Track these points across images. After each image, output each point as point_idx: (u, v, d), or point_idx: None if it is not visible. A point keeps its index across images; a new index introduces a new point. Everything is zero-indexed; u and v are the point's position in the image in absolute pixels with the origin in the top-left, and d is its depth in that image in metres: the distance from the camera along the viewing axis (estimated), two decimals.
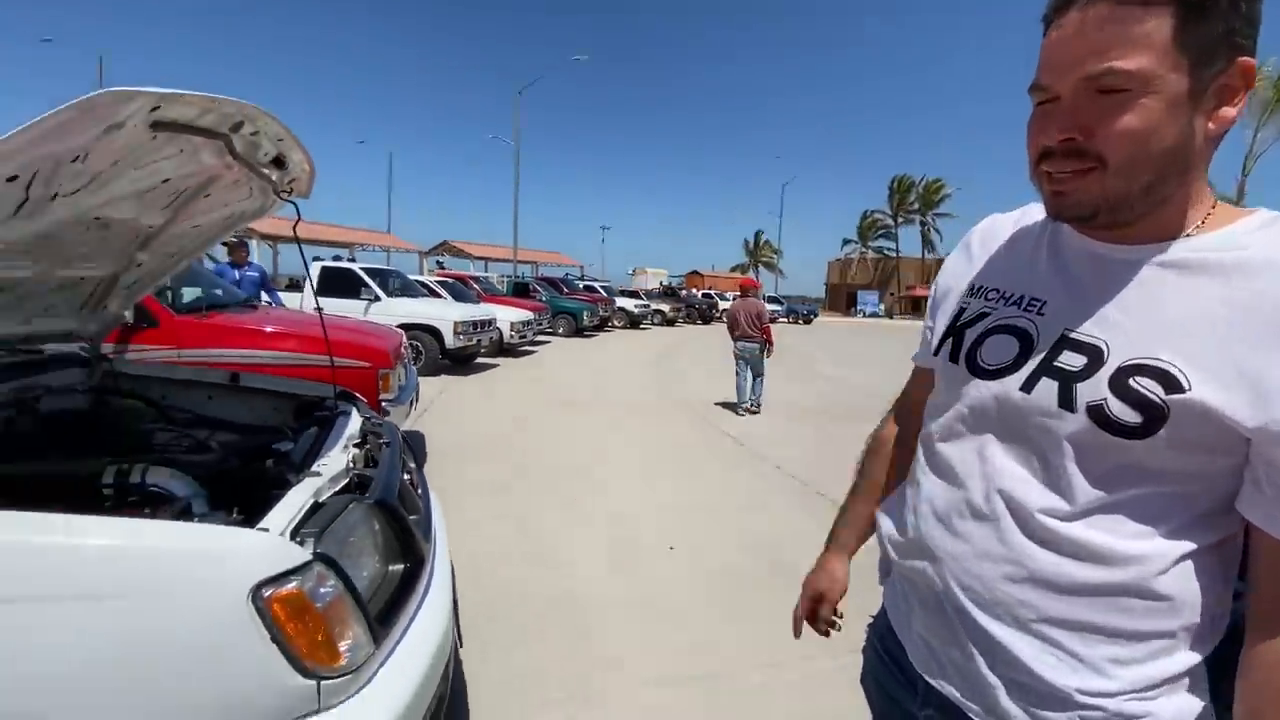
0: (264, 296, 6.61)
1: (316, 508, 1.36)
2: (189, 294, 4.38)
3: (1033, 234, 0.85)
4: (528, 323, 12.79)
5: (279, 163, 1.74)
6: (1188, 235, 0.71)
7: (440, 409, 6.95)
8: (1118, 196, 0.68)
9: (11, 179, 1.03)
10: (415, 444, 5.14)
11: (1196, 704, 0.69)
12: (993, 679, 0.74)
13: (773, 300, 36.78)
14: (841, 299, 55.53)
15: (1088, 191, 0.69)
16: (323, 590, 1.15)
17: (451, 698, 1.59)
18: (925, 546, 0.81)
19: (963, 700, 0.77)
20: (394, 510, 1.53)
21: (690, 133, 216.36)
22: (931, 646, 0.82)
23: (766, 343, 7.59)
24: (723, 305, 29.79)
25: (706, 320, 28.05)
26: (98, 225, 1.58)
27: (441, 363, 9.45)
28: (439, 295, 11.55)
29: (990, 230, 0.92)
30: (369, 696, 1.18)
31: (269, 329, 3.98)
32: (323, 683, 1.11)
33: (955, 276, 0.93)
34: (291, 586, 1.09)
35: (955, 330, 0.85)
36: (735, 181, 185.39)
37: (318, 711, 1.11)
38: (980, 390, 0.79)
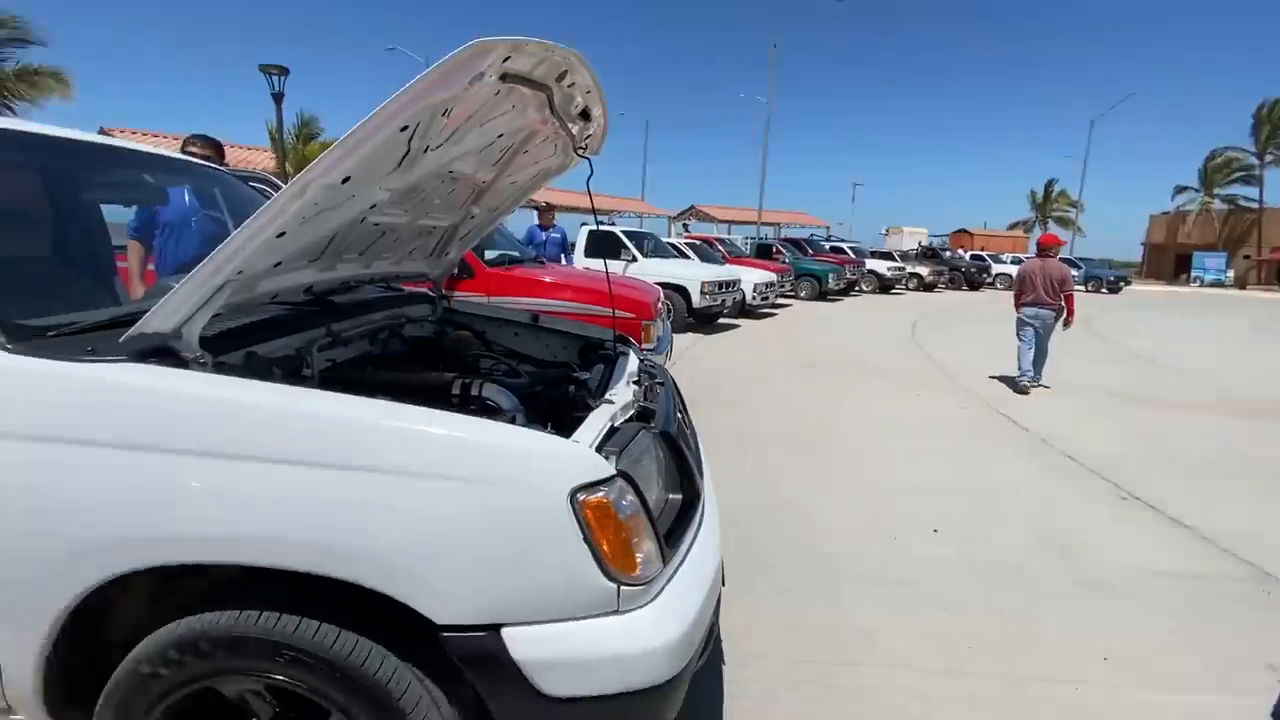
0: (562, 259, 7.36)
1: (613, 431, 1.47)
2: (491, 253, 5.15)
3: None
4: (770, 284, 12.61)
5: (585, 115, 1.87)
6: None
7: (687, 364, 7.24)
8: None
9: (404, 129, 1.25)
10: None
11: None
12: None
13: (1067, 262, 30.68)
14: (1168, 262, 43.44)
15: None
16: (624, 503, 1.23)
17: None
18: None
19: None
20: (675, 442, 1.59)
21: (960, 73, 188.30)
22: None
23: (1066, 313, 6.38)
24: (997, 269, 25.84)
25: (975, 286, 24.61)
26: (449, 179, 1.88)
27: (687, 321, 9.83)
28: (687, 257, 11.96)
29: None
30: (659, 608, 1.26)
31: (555, 281, 4.51)
32: (622, 588, 1.20)
33: None
34: (601, 495, 1.19)
35: None
36: (1017, 126, 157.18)
37: (616, 613, 1.21)
38: None
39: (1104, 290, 26.81)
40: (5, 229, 1.66)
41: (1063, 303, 6.32)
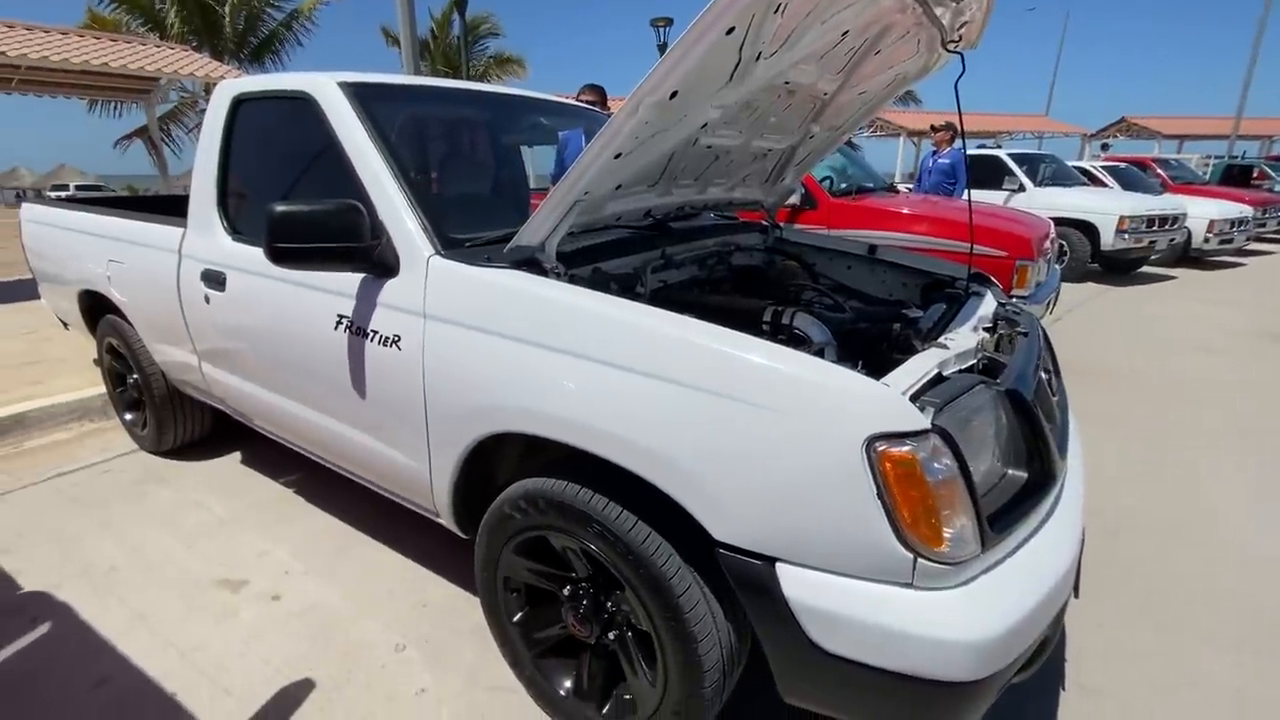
0: (954, 189, 6.00)
1: (939, 380, 1.24)
2: (843, 180, 4.82)
3: None
4: (1237, 221, 9.06)
5: None
6: None
7: (1077, 322, 5.79)
8: None
9: (729, 31, 1.18)
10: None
11: None
12: None
13: None
14: None
15: None
16: (936, 465, 1.03)
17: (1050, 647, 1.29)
18: None
19: None
20: (1026, 405, 1.26)
21: None
22: None
23: None
24: None
25: None
26: (785, 92, 1.77)
27: (1091, 267, 7.80)
28: (1103, 184, 9.36)
29: None
30: (970, 597, 1.04)
31: (910, 213, 4.01)
32: (919, 561, 1.02)
33: None
34: (906, 449, 1.01)
35: None
36: None
37: (908, 586, 1.04)
38: None
39: None
40: (445, 165, 2.18)
41: None
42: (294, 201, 1.52)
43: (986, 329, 1.67)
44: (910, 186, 6.26)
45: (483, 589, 1.64)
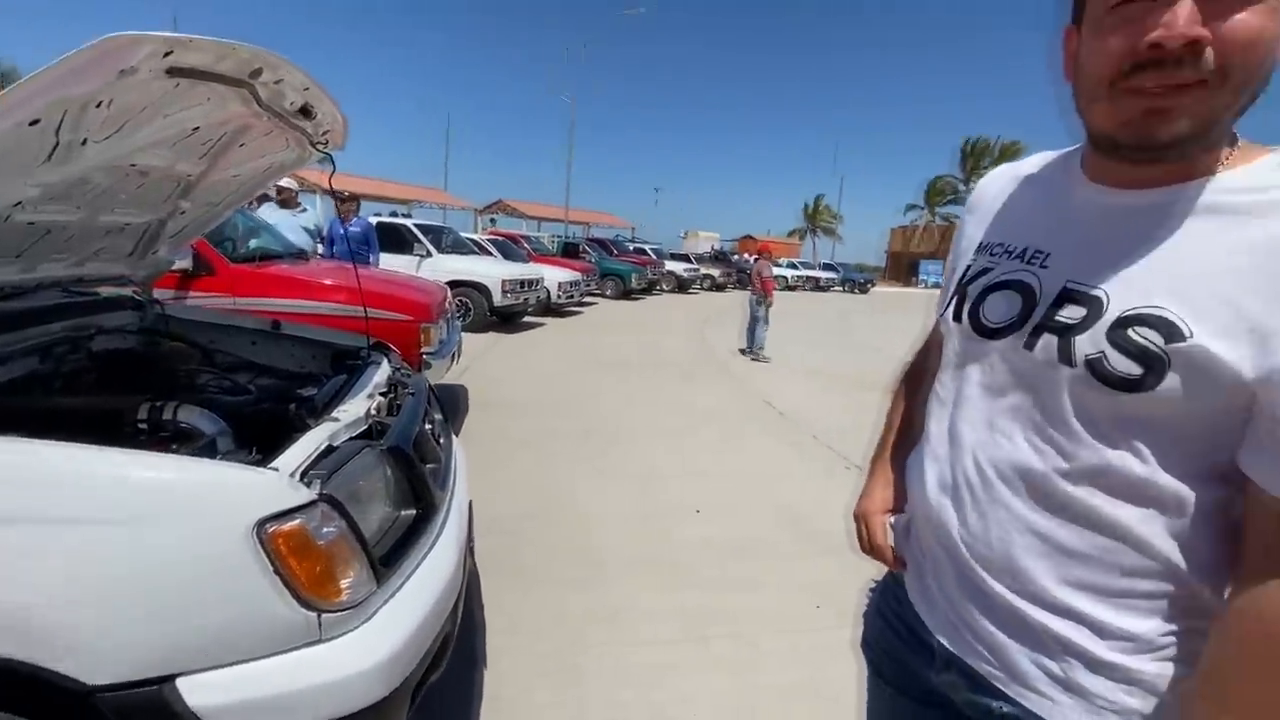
0: (370, 257, 6.46)
1: (329, 450, 1.41)
2: (250, 245, 4.56)
3: (1040, 183, 0.81)
4: (575, 283, 12.85)
5: (306, 112, 1.76)
6: (1213, 175, 0.64)
7: (485, 365, 7.11)
8: (1214, 118, 0.60)
9: (34, 122, 1.07)
10: (449, 397, 5.29)
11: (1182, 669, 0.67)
12: (1008, 642, 0.73)
13: (828, 267, 35.67)
14: (903, 267, 53.28)
15: (1194, 110, 0.59)
16: (325, 530, 1.19)
17: (462, 637, 1.65)
18: (934, 512, 0.79)
19: (982, 665, 0.75)
20: (407, 457, 1.57)
21: (748, 92, 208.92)
22: (949, 610, 0.80)
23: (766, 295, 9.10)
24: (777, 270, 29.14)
25: None
26: (135, 172, 1.64)
27: (489, 320, 9.63)
28: (489, 253, 11.71)
29: (996, 182, 0.87)
30: (370, 630, 1.24)
31: (318, 281, 4.12)
32: (323, 615, 1.16)
33: (967, 234, 0.88)
34: (295, 523, 1.14)
35: (960, 288, 0.82)
36: (795, 145, 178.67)
37: (319, 641, 1.17)
38: (983, 349, 0.76)
39: (856, 291, 31.82)
40: None
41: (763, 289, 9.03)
42: None
43: (382, 394, 1.96)
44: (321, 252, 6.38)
45: None
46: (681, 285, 21.49)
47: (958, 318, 0.80)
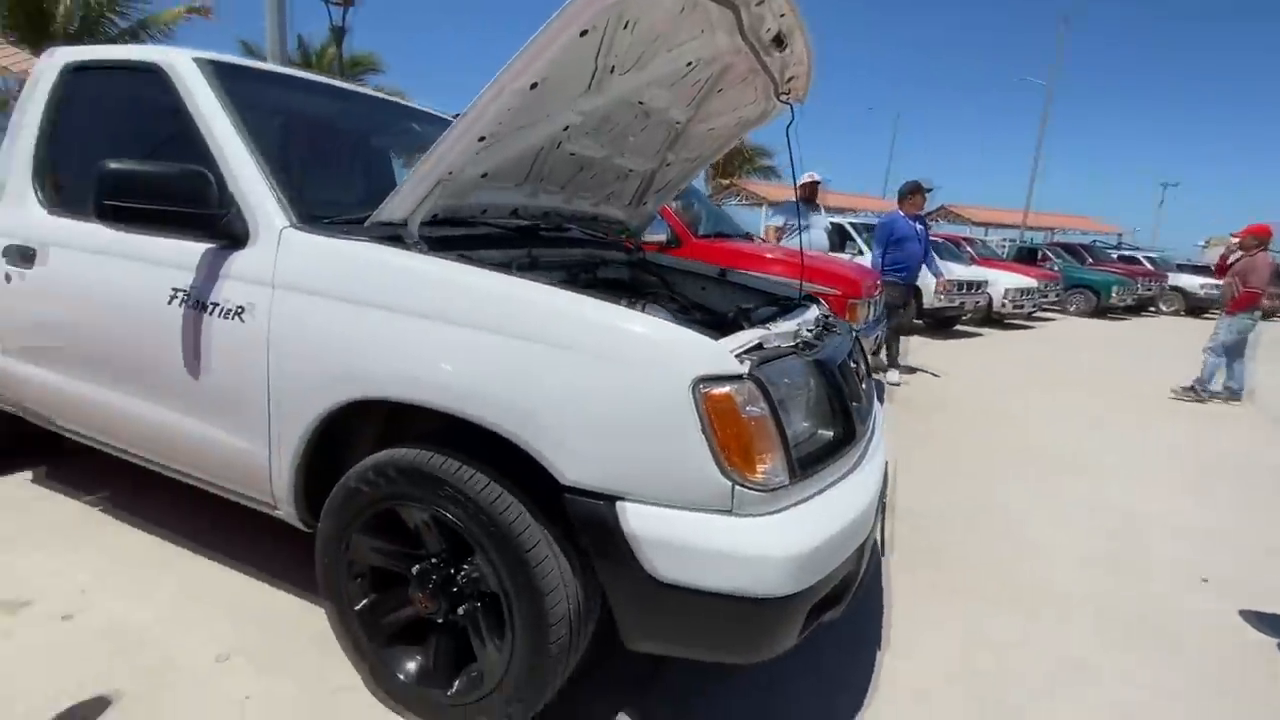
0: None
1: (760, 347, 1.42)
2: (707, 224, 5.24)
3: None
4: (1026, 291, 10.86)
5: (779, 42, 1.81)
6: None
7: (909, 363, 6.60)
8: None
9: (584, 33, 1.34)
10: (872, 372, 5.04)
11: None
12: None
13: None
14: None
15: None
16: (750, 407, 1.18)
17: (860, 590, 1.48)
18: None
19: None
20: (831, 373, 1.48)
21: None
22: None
23: None
24: None
25: None
26: (642, 113, 1.97)
27: (915, 323, 8.94)
28: None
29: None
30: (780, 522, 1.19)
31: (761, 254, 4.46)
32: (737, 488, 1.16)
33: None
34: (726, 390, 1.16)
35: None
36: None
37: (729, 513, 1.17)
38: None
39: None
40: (307, 148, 2.15)
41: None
42: (130, 161, 1.45)
43: (809, 329, 1.93)
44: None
45: (324, 577, 1.56)
46: (1192, 307, 15.94)
47: None
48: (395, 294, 1.40)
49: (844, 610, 1.41)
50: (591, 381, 1.21)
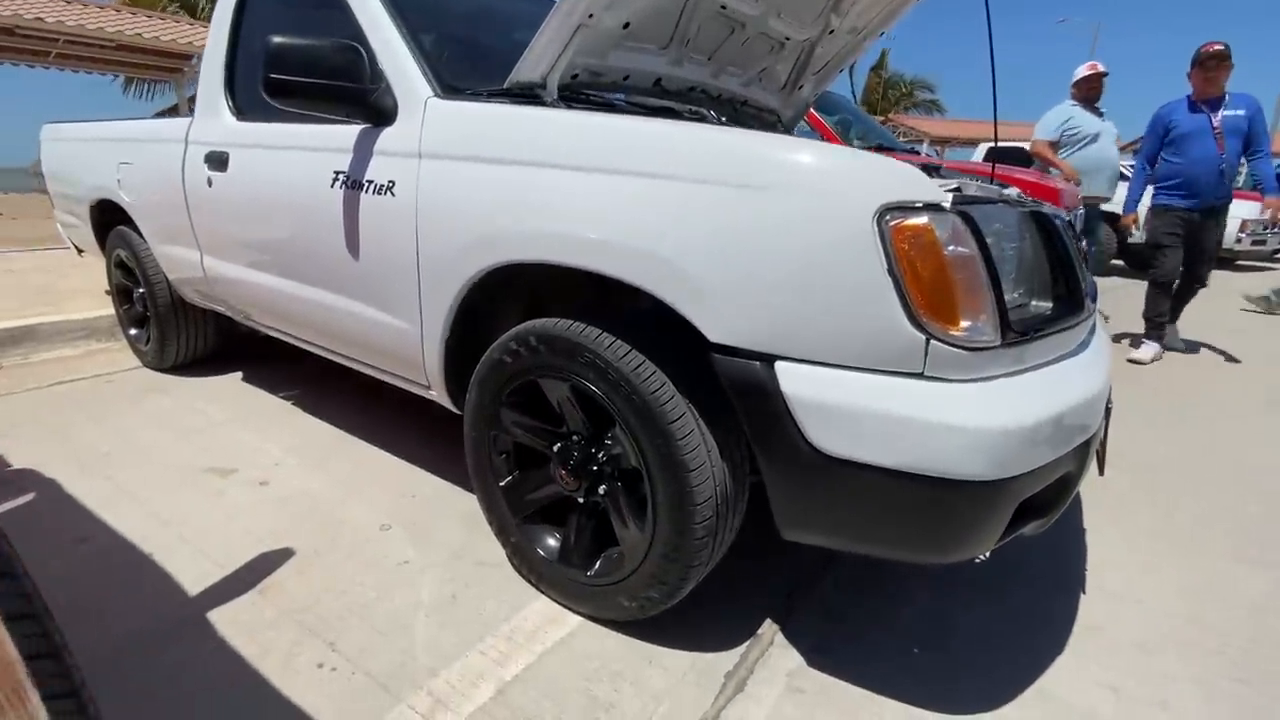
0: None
1: (959, 190, 1.15)
2: (861, 135, 4.72)
3: None
4: (1268, 224, 8.75)
5: None
6: None
7: (1103, 304, 5.60)
8: None
9: None
10: None
11: None
12: None
13: None
14: None
15: None
16: (954, 247, 0.94)
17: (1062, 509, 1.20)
18: None
19: None
20: (1053, 231, 1.17)
21: None
22: None
23: None
24: None
25: None
26: None
27: (1116, 263, 7.62)
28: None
29: None
30: (985, 391, 0.95)
31: (932, 165, 3.93)
32: (932, 343, 0.93)
33: None
34: (923, 221, 0.93)
35: None
36: None
37: (919, 376, 0.95)
38: None
39: None
40: (456, 24, 2.11)
41: None
42: (292, 36, 1.48)
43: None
44: None
45: (472, 452, 1.57)
46: None
47: None
48: (531, 148, 1.31)
49: (1051, 524, 1.14)
50: (750, 220, 1.02)
